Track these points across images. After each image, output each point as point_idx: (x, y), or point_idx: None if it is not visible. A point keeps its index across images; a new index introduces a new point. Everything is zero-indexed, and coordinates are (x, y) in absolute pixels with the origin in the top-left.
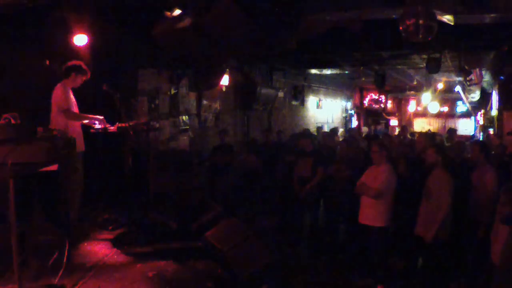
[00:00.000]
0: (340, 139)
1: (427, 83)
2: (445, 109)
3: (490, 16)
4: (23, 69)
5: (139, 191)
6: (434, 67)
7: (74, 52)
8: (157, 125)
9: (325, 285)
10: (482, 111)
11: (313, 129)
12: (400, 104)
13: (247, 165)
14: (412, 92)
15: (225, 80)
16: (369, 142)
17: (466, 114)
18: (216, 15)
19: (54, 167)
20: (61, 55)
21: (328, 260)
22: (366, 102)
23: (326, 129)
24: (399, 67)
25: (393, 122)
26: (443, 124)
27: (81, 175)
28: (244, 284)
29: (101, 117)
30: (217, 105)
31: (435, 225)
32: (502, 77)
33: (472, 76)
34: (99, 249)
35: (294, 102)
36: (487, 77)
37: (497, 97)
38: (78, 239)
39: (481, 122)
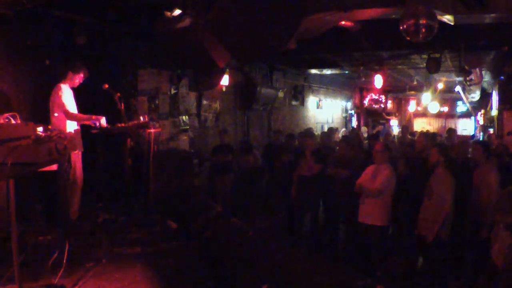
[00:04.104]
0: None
1: (427, 83)
2: (445, 109)
3: (490, 16)
4: (23, 69)
5: (139, 191)
6: (434, 67)
7: (74, 52)
8: (157, 125)
9: (325, 285)
10: (482, 111)
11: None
12: (400, 104)
13: (245, 165)
14: (412, 92)
15: (225, 80)
16: (370, 141)
17: (466, 114)
18: (216, 15)
19: (54, 167)
20: (61, 55)
21: (328, 260)
22: (366, 102)
23: (326, 129)
24: (399, 67)
25: (393, 122)
26: (443, 124)
27: (81, 175)
28: (244, 284)
29: (101, 117)
30: (217, 105)
31: (436, 225)
32: (502, 77)
33: (472, 76)
34: (99, 249)
35: (294, 102)
36: (487, 77)
37: (497, 97)
38: (78, 239)
39: (481, 122)
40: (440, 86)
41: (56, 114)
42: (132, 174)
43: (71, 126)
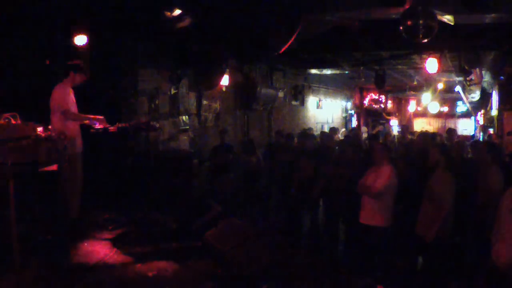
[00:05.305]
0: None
1: (427, 83)
2: (445, 109)
3: (490, 16)
4: (23, 69)
5: (139, 191)
6: (433, 67)
7: (74, 52)
8: (157, 125)
9: (325, 285)
10: (482, 111)
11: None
12: (400, 104)
13: (247, 165)
14: (412, 92)
15: (225, 80)
16: (370, 142)
17: (466, 114)
18: (217, 15)
19: (54, 167)
20: (61, 55)
21: (328, 260)
22: (366, 102)
23: (326, 129)
24: (399, 67)
25: (393, 122)
26: (443, 124)
27: (81, 175)
28: (244, 284)
29: (101, 117)
30: (217, 105)
31: (436, 225)
32: (502, 77)
33: (472, 76)
34: (99, 249)
35: (294, 102)
36: (487, 77)
37: (497, 97)
38: (78, 239)
39: (481, 122)
40: (440, 86)
41: (56, 114)
42: (132, 174)
43: (72, 126)
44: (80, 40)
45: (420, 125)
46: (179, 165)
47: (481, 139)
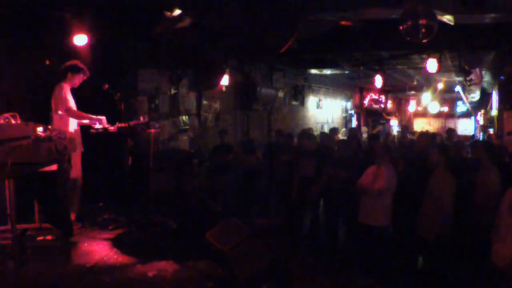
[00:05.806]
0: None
1: (427, 83)
2: (445, 109)
3: (490, 16)
4: (23, 69)
5: (139, 191)
6: (434, 67)
7: (74, 52)
8: (157, 125)
9: (325, 285)
10: (482, 111)
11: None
12: (400, 104)
13: (247, 165)
14: (412, 92)
15: (225, 80)
16: (370, 142)
17: (466, 114)
18: (217, 15)
19: (54, 167)
20: (61, 55)
21: (328, 260)
22: (366, 102)
23: (326, 129)
24: (399, 67)
25: (393, 122)
26: (443, 124)
27: (81, 175)
28: (244, 284)
29: (102, 117)
30: (217, 105)
31: (436, 225)
32: (502, 77)
33: (472, 76)
34: (99, 249)
35: (294, 102)
36: (487, 77)
37: (497, 97)
38: (78, 239)
39: (481, 122)
40: (440, 86)
41: (59, 112)
42: (132, 174)
43: (72, 126)
44: (80, 40)
45: (420, 125)
46: (179, 165)
47: (481, 139)
